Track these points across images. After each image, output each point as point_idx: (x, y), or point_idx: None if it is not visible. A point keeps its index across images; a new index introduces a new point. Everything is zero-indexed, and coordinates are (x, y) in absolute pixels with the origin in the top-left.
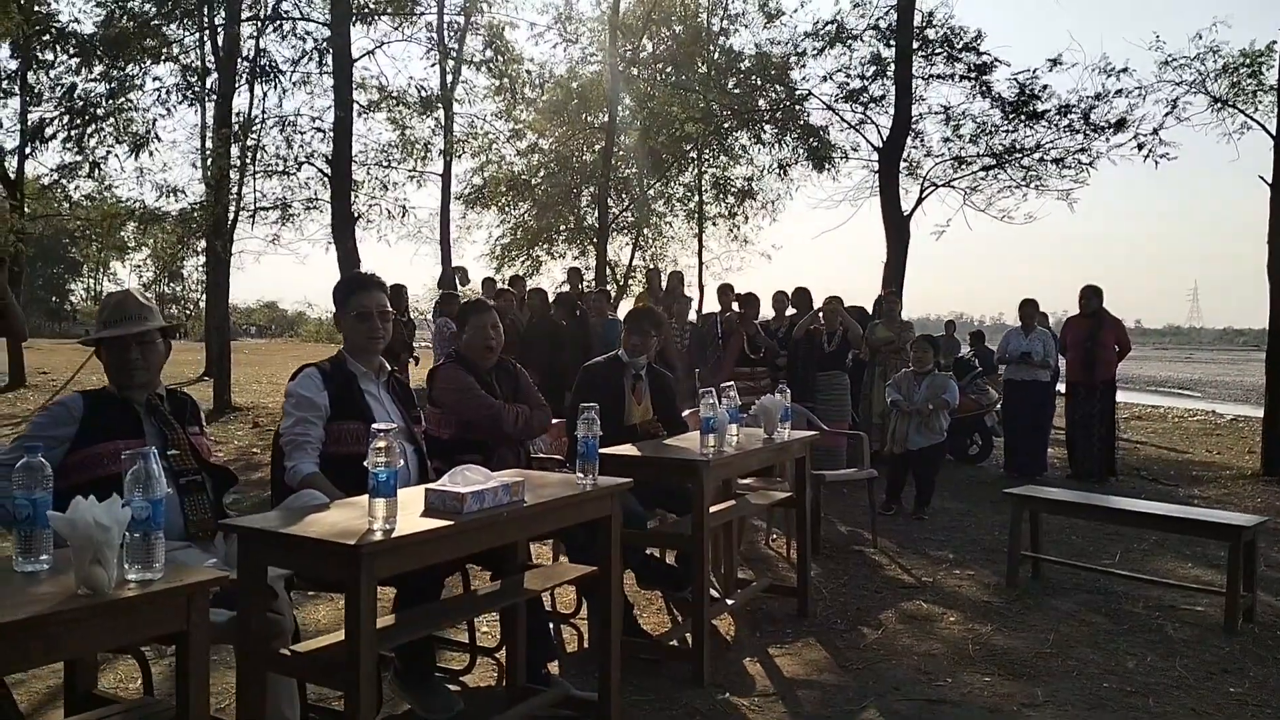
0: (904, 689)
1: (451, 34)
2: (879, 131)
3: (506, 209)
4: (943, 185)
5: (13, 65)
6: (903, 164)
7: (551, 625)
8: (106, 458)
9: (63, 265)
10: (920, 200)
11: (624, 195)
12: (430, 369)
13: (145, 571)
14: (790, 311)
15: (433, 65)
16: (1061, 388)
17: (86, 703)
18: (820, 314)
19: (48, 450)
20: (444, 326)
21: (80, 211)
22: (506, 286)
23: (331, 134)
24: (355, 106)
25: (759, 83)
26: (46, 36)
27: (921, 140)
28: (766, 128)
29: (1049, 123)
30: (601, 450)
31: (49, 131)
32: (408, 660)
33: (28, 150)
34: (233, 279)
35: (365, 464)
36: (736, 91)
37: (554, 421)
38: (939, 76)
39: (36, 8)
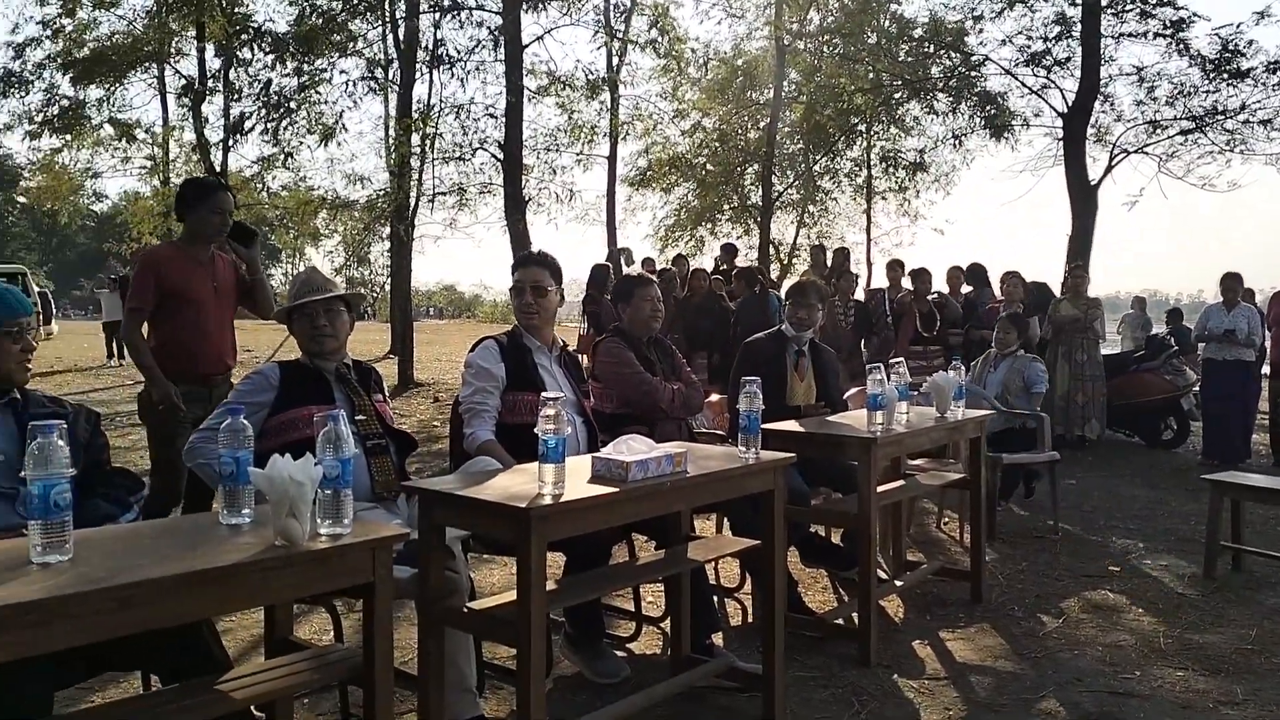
0: (1087, 680)
1: (617, 15)
2: (1063, 96)
3: (670, 189)
4: (1135, 152)
5: (216, 64)
6: (1089, 130)
7: (715, 598)
8: (301, 422)
9: (263, 252)
10: (1109, 169)
11: (789, 172)
12: (594, 343)
13: (335, 526)
14: (966, 289)
15: (599, 48)
16: (1266, 369)
17: (283, 648)
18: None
19: (249, 415)
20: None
21: (278, 201)
22: (669, 266)
23: (504, 120)
24: (525, 92)
25: (932, 50)
26: (245, 36)
27: (1111, 104)
28: (940, 97)
29: (1255, 81)
30: (765, 425)
31: (248, 125)
32: (577, 624)
33: (230, 143)
34: (414, 262)
35: (535, 431)
36: (908, 60)
37: (714, 399)
38: (1130, 35)
39: (236, 9)
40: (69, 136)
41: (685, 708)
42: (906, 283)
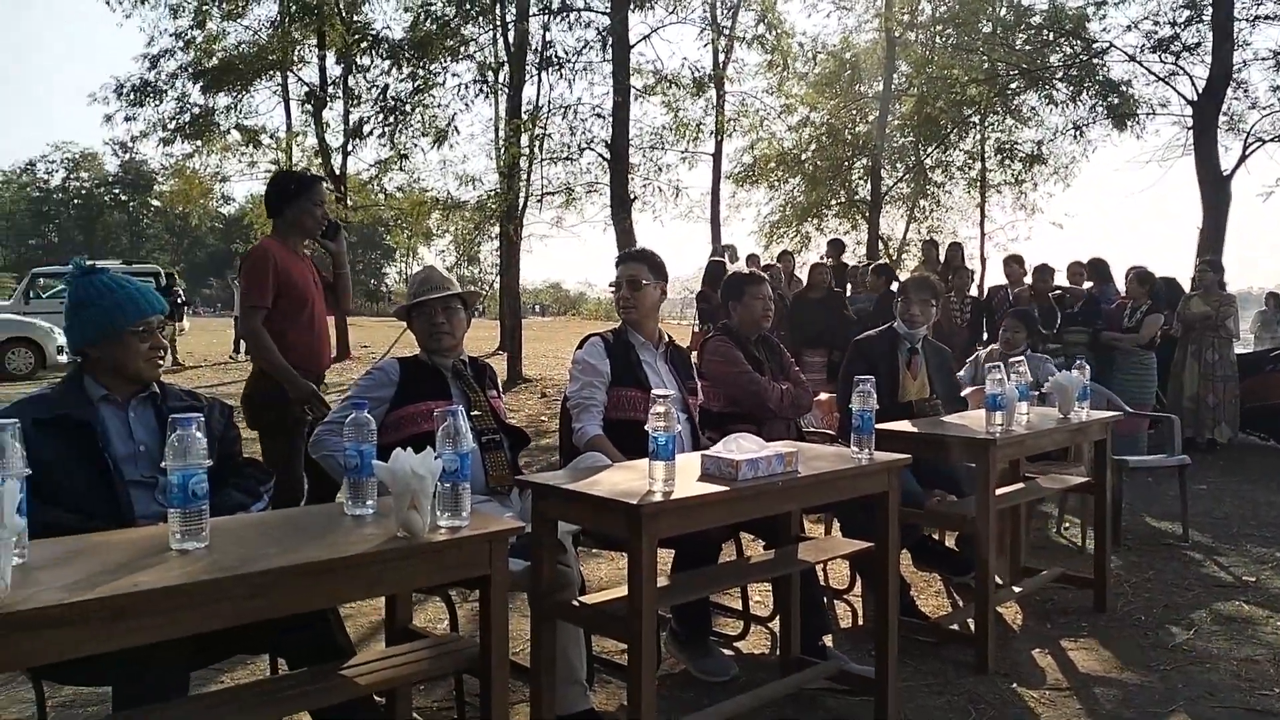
0: (1220, 695)
1: (724, 11)
2: (1193, 83)
3: (776, 185)
4: (1271, 140)
5: (336, 71)
6: (1222, 118)
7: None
8: (419, 417)
9: (378, 251)
10: (1243, 158)
11: (899, 165)
12: (701, 341)
13: (454, 519)
14: (1088, 284)
15: (705, 46)
16: None
17: (403, 636)
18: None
19: (370, 410)
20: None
21: (393, 202)
22: (773, 262)
23: (610, 119)
24: (632, 91)
25: (1051, 38)
26: (364, 44)
27: (1245, 90)
28: (1059, 86)
29: None
30: (878, 425)
31: (366, 129)
32: (684, 622)
33: (350, 147)
34: (521, 260)
35: (646, 428)
36: (1025, 49)
37: (823, 397)
38: (1267, 18)
39: (355, 18)
40: (199, 143)
41: (795, 709)
42: (1027, 279)
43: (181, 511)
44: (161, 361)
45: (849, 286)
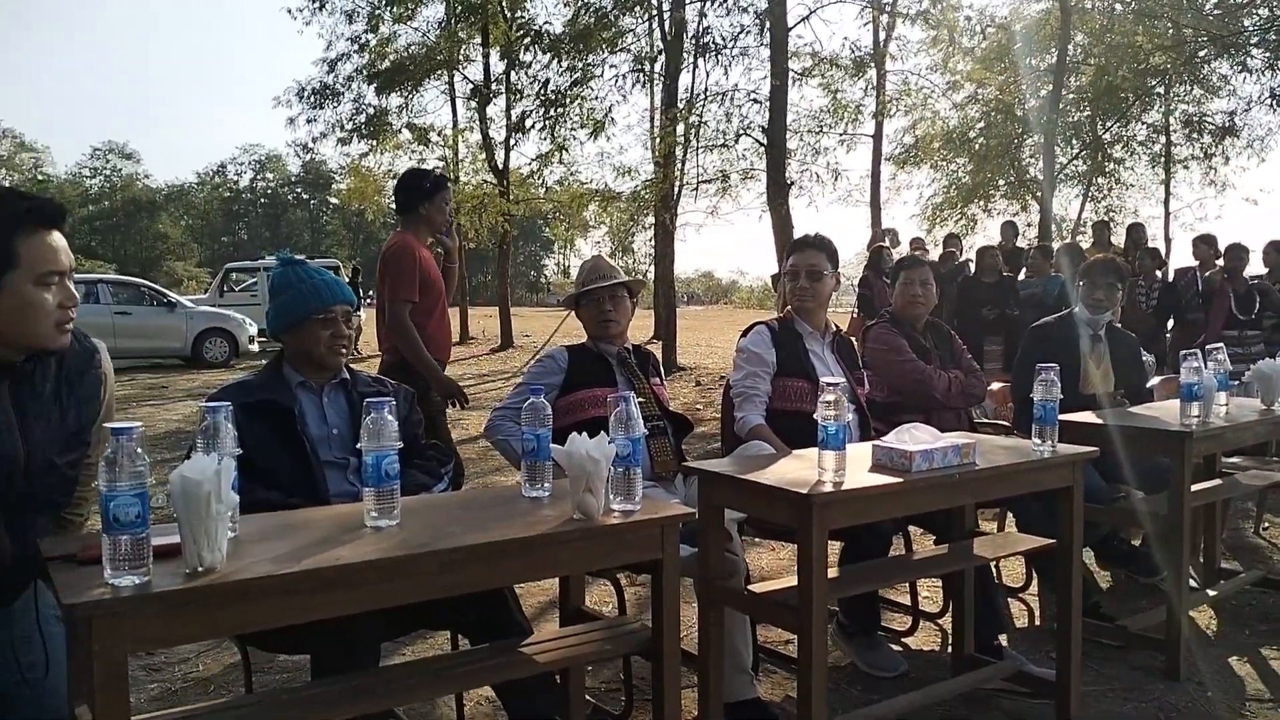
0: None
1: None
2: None
3: (939, 166)
4: None
5: (500, 68)
6: None
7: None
8: (587, 403)
9: (538, 244)
10: None
11: (1074, 142)
12: (864, 329)
13: (627, 503)
14: None
15: (865, 24)
16: None
17: (577, 617)
18: None
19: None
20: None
21: (552, 195)
22: (944, 248)
23: (767, 104)
24: (790, 75)
25: (1245, 0)
26: (526, 40)
27: None
28: (1254, 52)
29: None
30: (1061, 416)
31: (528, 123)
32: (852, 615)
33: (512, 142)
34: (675, 250)
35: (815, 417)
36: (1216, 13)
37: (995, 387)
38: None
39: (518, 14)
40: (374, 142)
41: (968, 710)
42: (1219, 261)
43: (376, 491)
44: (345, 350)
45: (1022, 271)
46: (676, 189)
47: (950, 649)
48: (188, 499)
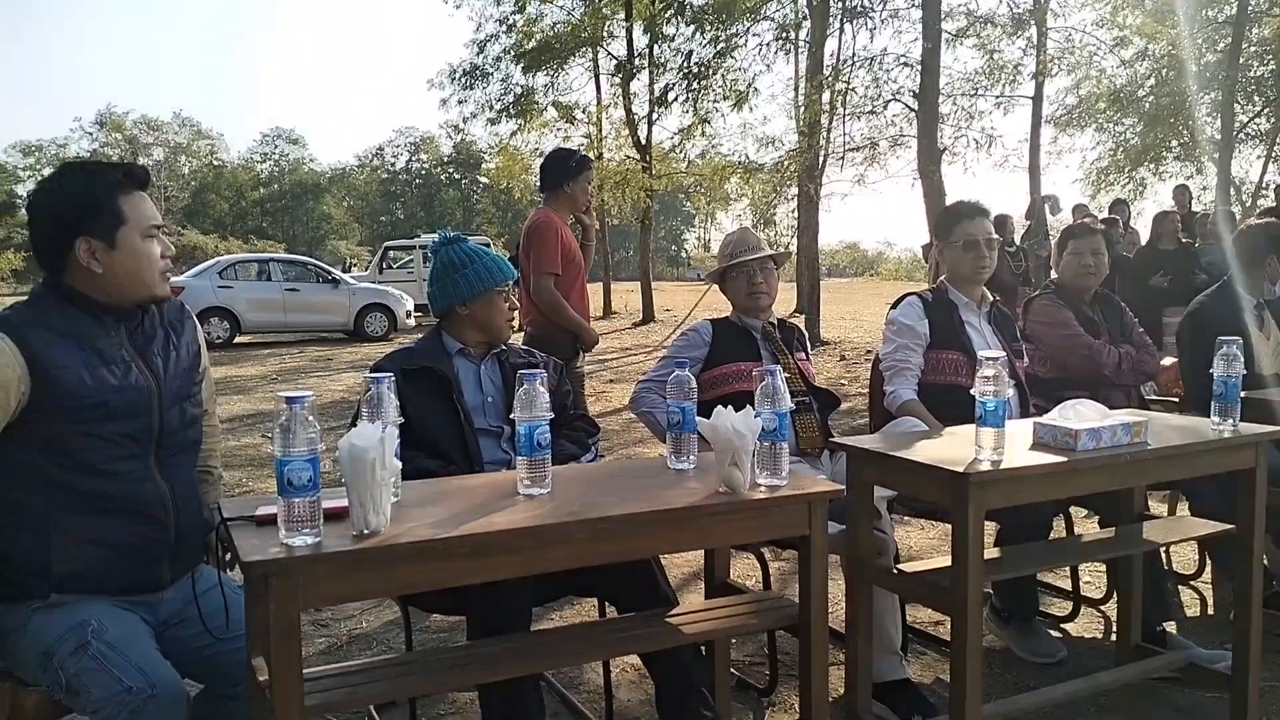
0: None
1: None
2: None
3: (1105, 127)
4: None
5: (643, 43)
6: None
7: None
8: (731, 376)
9: (678, 218)
10: None
11: (1255, 98)
12: (1025, 301)
13: (773, 478)
14: None
15: None
16: None
17: (722, 590)
18: None
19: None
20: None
21: (693, 169)
22: (1109, 214)
23: (919, 68)
24: (943, 36)
25: None
26: (669, 12)
27: None
28: None
29: None
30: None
31: (670, 96)
32: (1009, 598)
33: (654, 117)
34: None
35: (972, 392)
36: None
37: (1167, 362)
38: None
39: None
40: (521, 121)
41: (1133, 700)
42: None
43: (529, 459)
44: (512, 323)
45: (1198, 238)
46: (821, 158)
47: (1114, 637)
48: (355, 464)
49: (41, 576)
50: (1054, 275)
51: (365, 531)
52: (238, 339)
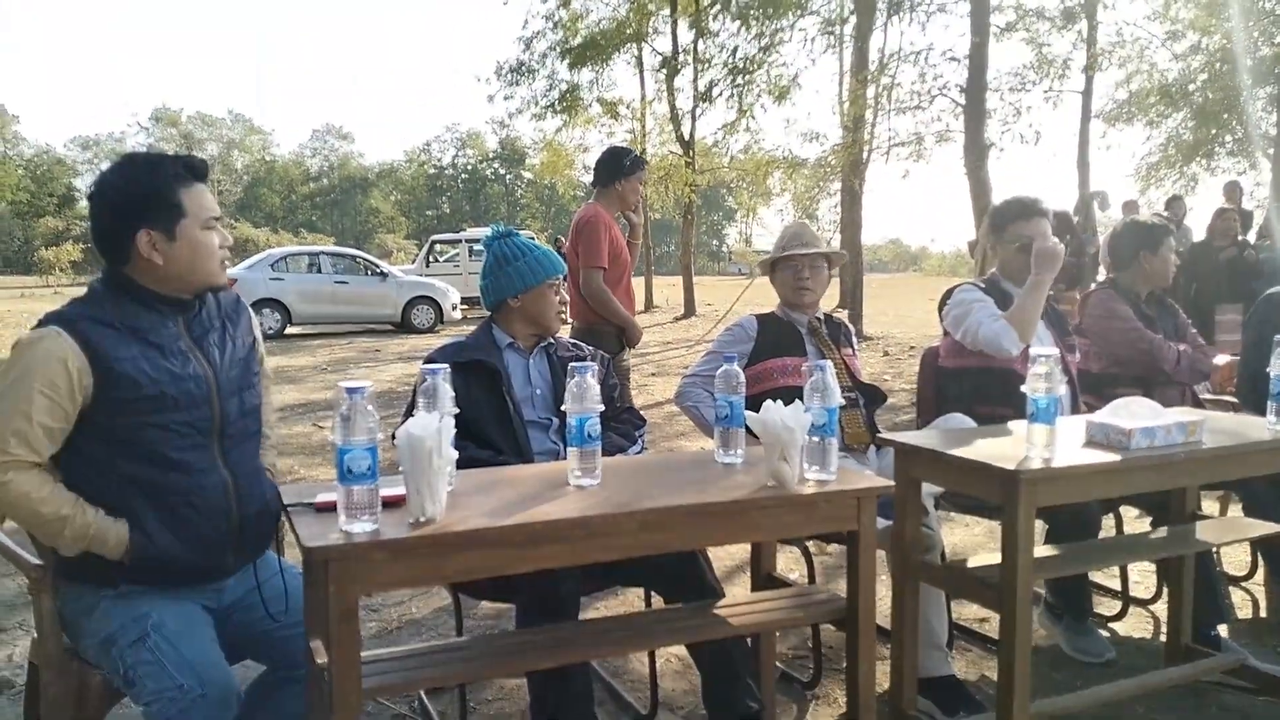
0: None
1: None
2: None
3: (1156, 122)
4: None
5: (688, 38)
6: None
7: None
8: (776, 371)
9: (720, 213)
10: None
11: None
12: (1083, 295)
13: (822, 472)
14: None
15: None
16: None
17: (768, 583)
18: None
19: None
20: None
21: (736, 164)
22: (1164, 211)
23: (966, 62)
24: (991, 30)
25: None
26: (714, 8)
27: None
28: None
29: None
30: None
31: (715, 92)
32: (1061, 596)
33: (698, 112)
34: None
35: (1023, 389)
36: None
37: (1220, 360)
38: None
39: None
40: (566, 117)
41: (1183, 702)
42: None
43: (579, 451)
44: (562, 315)
45: (1252, 234)
46: (866, 154)
47: (1163, 637)
48: (414, 453)
49: (113, 565)
50: (1102, 271)
51: (422, 519)
52: (289, 330)
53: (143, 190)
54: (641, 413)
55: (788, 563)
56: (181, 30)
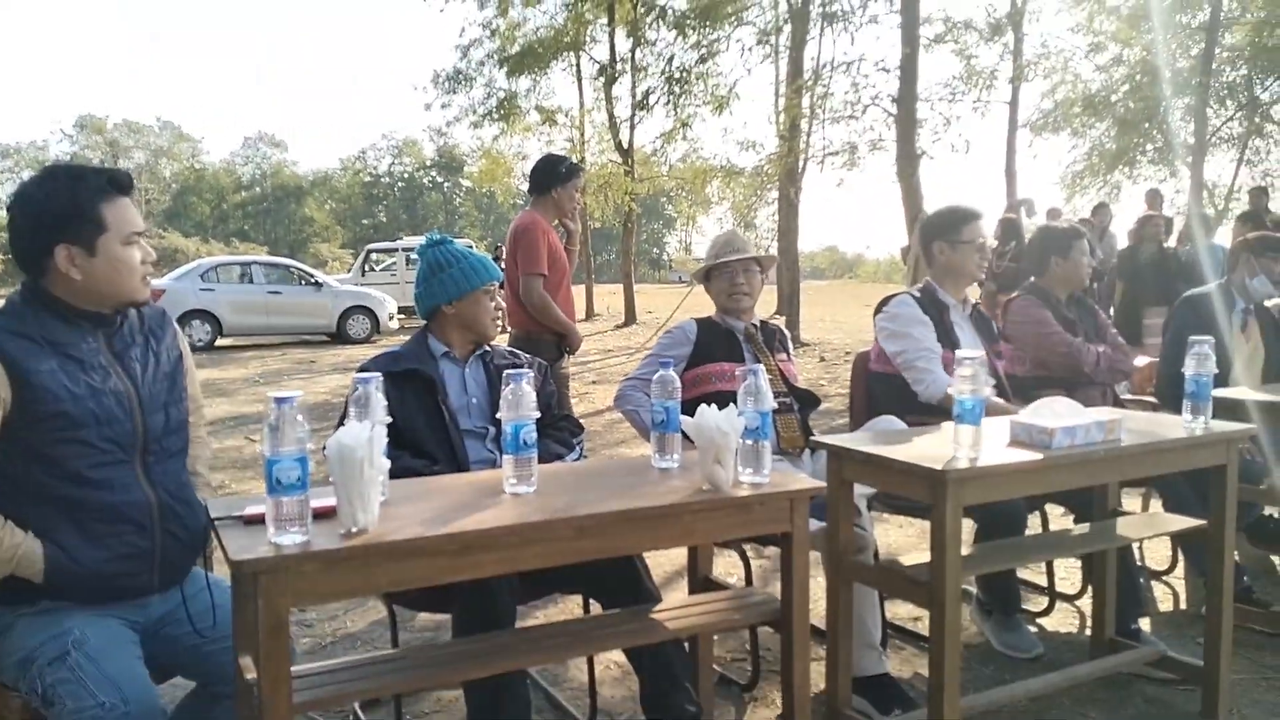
0: None
1: None
2: None
3: (1080, 131)
4: None
5: (626, 47)
6: None
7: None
8: (713, 376)
9: (660, 221)
10: None
11: (1228, 103)
12: (1005, 301)
13: (756, 475)
14: None
15: None
16: None
17: (704, 586)
18: None
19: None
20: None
21: (675, 172)
22: (1089, 218)
23: (897, 73)
24: (921, 41)
25: None
26: (651, 17)
27: None
28: None
29: None
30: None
31: (652, 100)
32: (990, 593)
33: (636, 120)
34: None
35: (949, 390)
36: None
37: (1140, 361)
38: None
39: None
40: (504, 125)
41: (1107, 693)
42: None
43: (515, 458)
44: (498, 323)
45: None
46: (801, 162)
47: (1089, 631)
48: (344, 463)
49: (30, 583)
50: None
51: (354, 530)
52: (219, 342)
53: (63, 205)
54: (581, 421)
55: (726, 566)
56: (107, 36)
